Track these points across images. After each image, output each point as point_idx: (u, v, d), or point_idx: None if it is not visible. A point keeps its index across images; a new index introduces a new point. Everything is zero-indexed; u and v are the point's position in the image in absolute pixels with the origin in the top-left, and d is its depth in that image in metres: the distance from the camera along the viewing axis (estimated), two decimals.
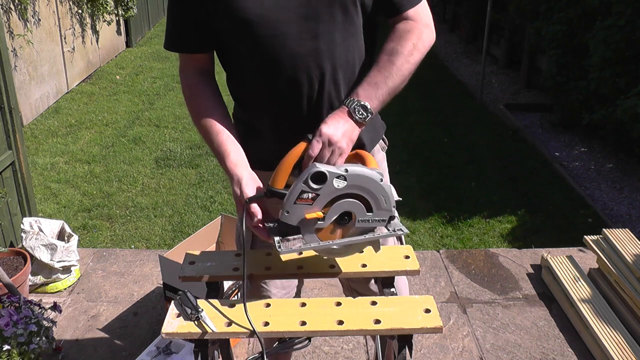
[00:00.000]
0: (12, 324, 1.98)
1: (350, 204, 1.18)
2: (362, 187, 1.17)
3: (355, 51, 1.35)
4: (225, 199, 4.01)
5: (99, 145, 4.96)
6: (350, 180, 1.16)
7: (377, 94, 1.27)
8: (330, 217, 1.18)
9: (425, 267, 2.95)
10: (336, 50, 1.31)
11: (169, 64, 7.68)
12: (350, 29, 1.32)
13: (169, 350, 2.20)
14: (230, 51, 1.36)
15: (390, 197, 1.20)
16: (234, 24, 1.28)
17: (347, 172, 1.16)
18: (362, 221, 1.20)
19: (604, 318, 2.37)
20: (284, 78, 1.30)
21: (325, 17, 1.27)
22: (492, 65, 7.45)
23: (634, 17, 4.26)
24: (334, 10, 1.28)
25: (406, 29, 1.32)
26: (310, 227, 1.18)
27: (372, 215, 1.20)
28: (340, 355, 2.35)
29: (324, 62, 1.30)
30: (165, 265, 2.33)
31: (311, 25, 1.27)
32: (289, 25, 1.26)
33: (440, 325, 1.18)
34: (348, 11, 1.29)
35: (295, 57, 1.28)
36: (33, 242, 2.63)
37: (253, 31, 1.27)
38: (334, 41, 1.30)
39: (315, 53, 1.29)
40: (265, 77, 1.32)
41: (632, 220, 3.90)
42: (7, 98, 2.76)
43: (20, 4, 4.99)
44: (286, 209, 1.16)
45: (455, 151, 4.97)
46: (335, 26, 1.29)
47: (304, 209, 1.16)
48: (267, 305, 1.24)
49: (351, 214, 1.19)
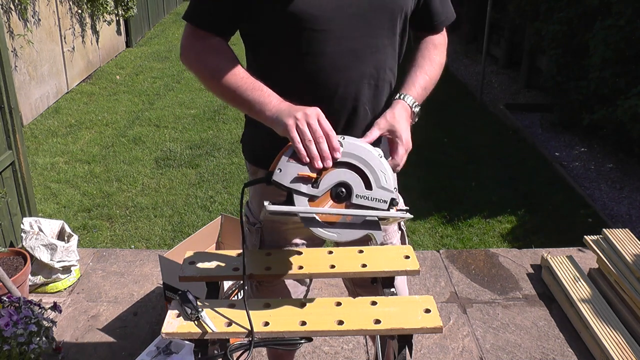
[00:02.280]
0: (12, 324, 1.98)
1: (346, 174, 1.12)
2: (360, 157, 1.12)
3: (392, 59, 1.35)
4: (225, 199, 4.01)
5: (99, 145, 4.97)
6: (347, 148, 1.12)
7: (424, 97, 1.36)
8: (324, 185, 1.11)
9: (425, 267, 2.95)
10: (376, 56, 1.30)
11: (169, 64, 7.68)
12: (392, 37, 1.32)
13: (169, 350, 2.20)
14: (264, 41, 1.31)
15: (391, 176, 1.13)
16: (279, 14, 1.22)
17: (343, 139, 1.12)
18: (360, 197, 1.12)
19: (604, 318, 2.37)
20: (321, 76, 1.27)
21: (372, 21, 1.26)
22: (492, 65, 7.45)
23: (634, 17, 4.26)
24: (382, 15, 1.27)
25: (441, 43, 1.44)
26: (303, 193, 1.11)
27: (371, 193, 1.12)
28: (340, 355, 2.35)
29: (363, 65, 1.28)
30: (165, 265, 2.33)
31: (356, 27, 1.25)
32: (334, 24, 1.23)
33: (440, 325, 1.18)
34: (394, 19, 1.29)
35: (335, 56, 1.25)
36: (33, 242, 2.63)
37: (295, 24, 1.22)
38: (377, 46, 1.29)
39: (356, 55, 1.27)
40: (298, 71, 1.27)
41: (632, 220, 3.90)
42: (7, 98, 2.76)
43: (20, 4, 4.99)
44: (279, 166, 1.10)
45: (455, 151, 4.97)
46: (380, 31, 1.28)
47: (297, 168, 1.10)
48: (267, 305, 1.24)
49: (349, 187, 1.12)
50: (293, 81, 1.29)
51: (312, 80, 1.28)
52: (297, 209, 1.10)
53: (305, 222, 1.12)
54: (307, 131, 1.11)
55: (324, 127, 1.12)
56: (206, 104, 6.02)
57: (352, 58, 1.27)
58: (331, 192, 1.12)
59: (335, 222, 1.13)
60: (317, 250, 1.45)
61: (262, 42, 1.31)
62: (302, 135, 1.11)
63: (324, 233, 1.12)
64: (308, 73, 1.27)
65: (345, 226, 1.13)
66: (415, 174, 4.37)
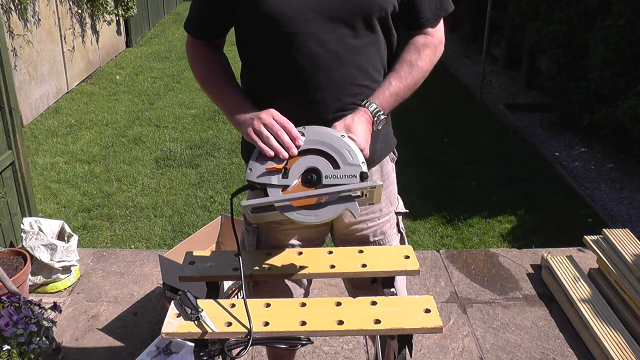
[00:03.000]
0: (12, 324, 1.98)
1: (313, 159, 1.17)
2: (323, 142, 1.17)
3: (376, 58, 1.34)
4: (225, 199, 4.01)
5: (99, 145, 4.97)
6: (309, 135, 1.18)
7: (394, 104, 1.34)
8: (294, 174, 1.16)
9: (425, 267, 2.95)
10: (357, 56, 1.30)
11: (169, 64, 7.69)
12: (374, 36, 1.32)
13: (169, 350, 2.20)
14: (249, 46, 1.36)
15: (356, 151, 1.17)
16: (258, 19, 1.27)
17: (304, 128, 1.18)
18: (329, 177, 1.16)
19: (604, 318, 2.37)
20: (302, 79, 1.29)
21: (350, 22, 1.27)
22: (492, 65, 7.45)
23: (634, 17, 4.26)
24: (359, 16, 1.27)
25: (425, 44, 1.38)
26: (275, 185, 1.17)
27: (339, 171, 1.16)
28: (340, 355, 2.35)
29: (344, 66, 1.29)
30: (165, 265, 2.33)
31: (334, 29, 1.26)
32: (311, 26, 1.25)
33: (440, 325, 1.18)
34: (372, 19, 1.29)
35: (315, 58, 1.27)
36: (33, 242, 2.63)
37: (274, 28, 1.26)
38: (357, 47, 1.29)
39: (336, 56, 1.28)
40: (282, 74, 1.31)
41: (632, 220, 3.90)
42: (7, 98, 2.76)
43: (20, 4, 4.99)
44: (249, 166, 1.18)
45: (455, 151, 4.97)
46: (359, 32, 1.28)
47: (265, 163, 1.17)
48: (267, 305, 1.24)
49: (317, 171, 1.16)
50: (277, 84, 1.33)
51: (294, 82, 1.30)
52: (269, 199, 1.16)
53: (280, 210, 1.16)
54: (263, 130, 1.21)
55: (280, 121, 1.22)
56: (206, 104, 6.02)
57: (333, 59, 1.28)
58: (302, 179, 1.17)
59: (312, 204, 1.17)
60: (317, 251, 1.45)
61: (248, 46, 1.37)
62: (260, 135, 1.21)
63: (300, 217, 1.15)
64: (290, 76, 1.30)
65: (321, 206, 1.16)
66: (415, 174, 4.36)
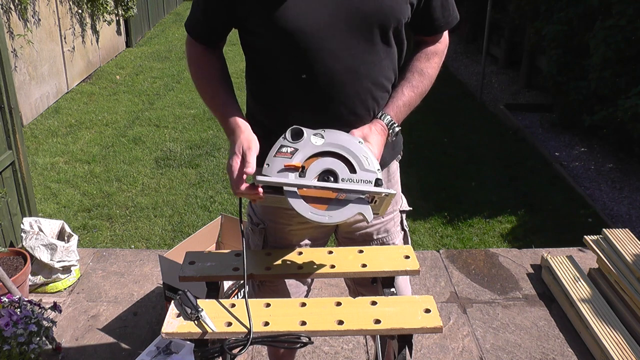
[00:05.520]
0: (12, 324, 1.98)
1: (331, 162, 1.19)
2: (341, 145, 1.20)
3: (389, 70, 1.35)
4: (225, 199, 4.01)
5: (99, 145, 4.97)
6: (328, 138, 1.20)
7: (407, 113, 1.37)
8: (311, 173, 1.19)
9: (425, 267, 2.95)
10: (373, 70, 1.30)
11: (169, 64, 7.69)
12: (389, 49, 1.32)
13: (169, 350, 2.20)
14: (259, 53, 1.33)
15: (372, 158, 1.20)
16: (272, 33, 1.25)
17: (324, 131, 1.20)
18: (345, 180, 1.19)
19: (604, 318, 2.37)
20: (317, 93, 1.28)
21: (367, 36, 1.26)
22: (492, 65, 7.45)
23: (635, 17, 4.26)
24: (375, 30, 1.27)
25: (435, 52, 1.41)
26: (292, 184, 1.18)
27: (356, 176, 1.19)
28: (340, 355, 2.35)
29: (360, 81, 1.29)
30: (165, 265, 2.33)
31: (349, 44, 1.25)
32: (327, 42, 1.24)
33: (440, 325, 1.18)
34: (388, 32, 1.29)
35: (330, 74, 1.26)
36: (33, 242, 2.63)
37: (289, 43, 1.24)
38: (372, 62, 1.29)
39: (351, 72, 1.27)
40: (296, 88, 1.29)
41: (632, 220, 3.90)
42: (7, 98, 2.76)
43: (20, 4, 4.99)
44: (267, 161, 1.19)
45: (455, 151, 4.97)
46: (375, 47, 1.28)
47: (284, 161, 1.18)
48: (267, 305, 1.24)
49: (334, 173, 1.19)
50: (290, 96, 1.32)
51: (308, 97, 1.29)
52: (286, 179, 1.17)
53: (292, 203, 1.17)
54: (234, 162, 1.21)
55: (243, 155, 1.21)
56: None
57: (349, 75, 1.27)
58: (318, 179, 1.19)
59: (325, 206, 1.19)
60: (317, 250, 1.45)
61: (257, 53, 1.34)
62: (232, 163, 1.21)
63: (315, 216, 1.17)
64: (305, 91, 1.29)
65: (335, 208, 1.18)
66: (415, 174, 4.37)
